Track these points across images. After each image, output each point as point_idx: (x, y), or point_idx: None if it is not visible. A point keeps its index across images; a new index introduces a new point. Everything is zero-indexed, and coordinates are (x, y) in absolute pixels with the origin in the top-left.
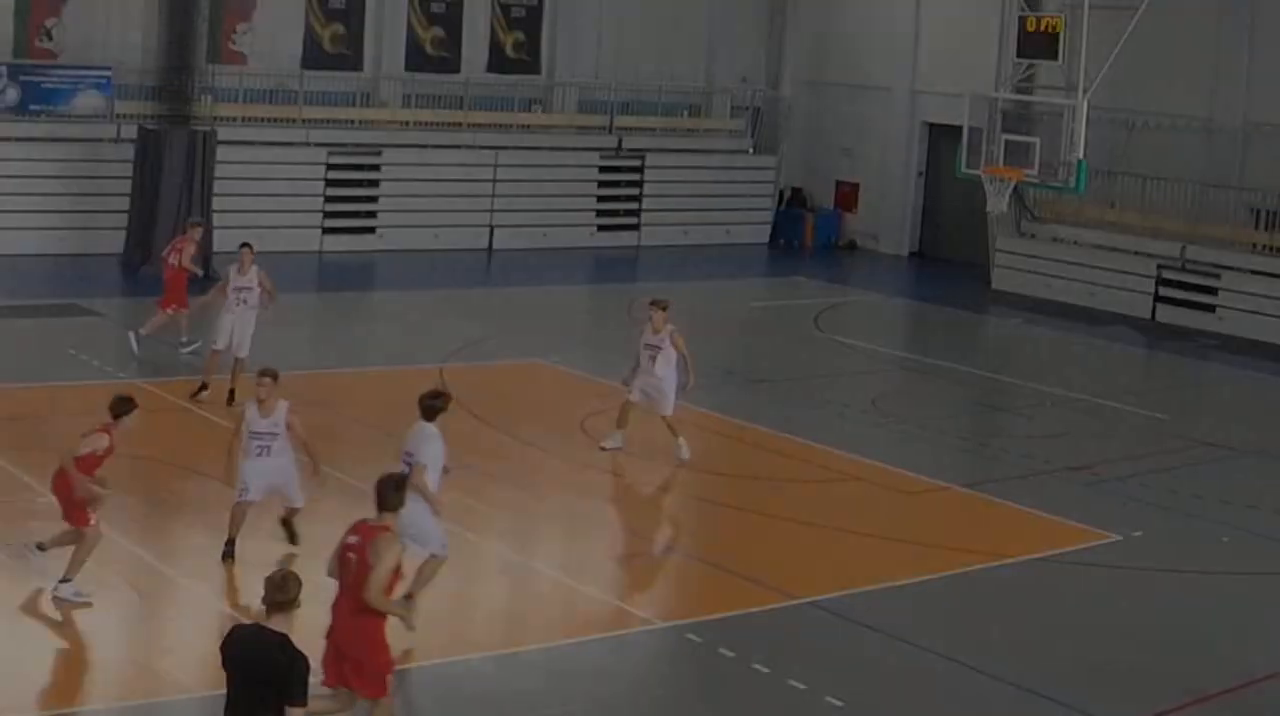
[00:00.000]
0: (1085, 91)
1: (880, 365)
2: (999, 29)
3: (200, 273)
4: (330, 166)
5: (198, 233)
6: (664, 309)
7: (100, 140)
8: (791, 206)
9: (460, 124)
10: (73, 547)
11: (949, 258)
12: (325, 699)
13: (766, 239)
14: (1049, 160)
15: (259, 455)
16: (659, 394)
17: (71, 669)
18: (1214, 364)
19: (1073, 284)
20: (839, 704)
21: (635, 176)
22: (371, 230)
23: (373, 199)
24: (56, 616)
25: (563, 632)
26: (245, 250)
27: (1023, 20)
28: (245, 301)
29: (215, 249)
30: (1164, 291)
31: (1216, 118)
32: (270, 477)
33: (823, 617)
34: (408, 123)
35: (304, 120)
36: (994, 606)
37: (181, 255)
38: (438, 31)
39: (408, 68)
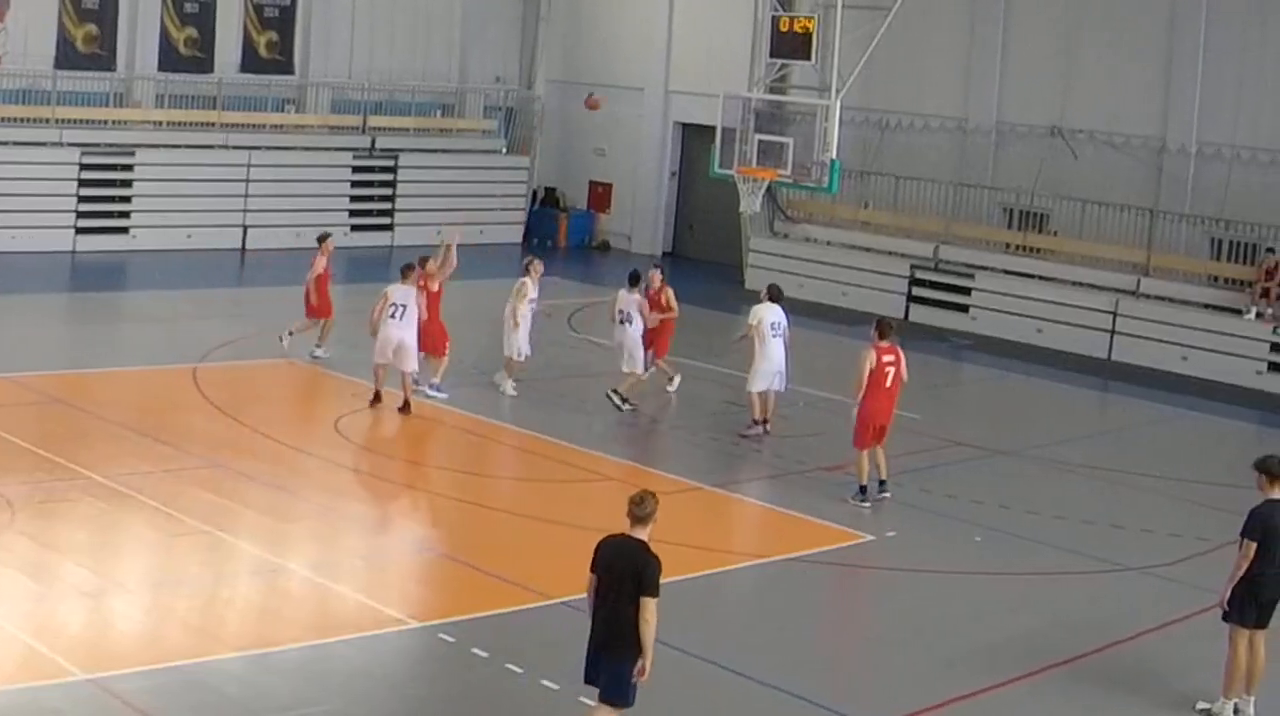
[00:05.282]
0: (838, 92)
1: None
2: (752, 29)
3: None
4: (84, 166)
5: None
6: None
7: None
8: (545, 206)
9: (214, 124)
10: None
11: (702, 258)
12: None
13: (520, 239)
14: (802, 160)
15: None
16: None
17: None
18: (967, 364)
19: (826, 284)
20: (592, 704)
21: (389, 176)
22: (125, 230)
23: (126, 199)
24: None
25: (315, 632)
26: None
27: (775, 20)
28: (396, 317)
29: None
30: (917, 291)
31: (969, 118)
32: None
33: (576, 617)
34: (161, 123)
35: (57, 120)
36: (748, 606)
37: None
38: (191, 31)
39: (161, 68)
